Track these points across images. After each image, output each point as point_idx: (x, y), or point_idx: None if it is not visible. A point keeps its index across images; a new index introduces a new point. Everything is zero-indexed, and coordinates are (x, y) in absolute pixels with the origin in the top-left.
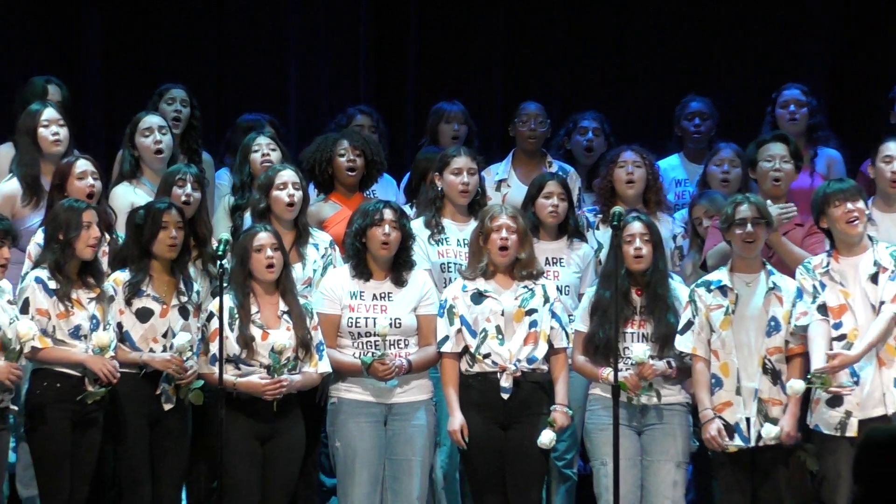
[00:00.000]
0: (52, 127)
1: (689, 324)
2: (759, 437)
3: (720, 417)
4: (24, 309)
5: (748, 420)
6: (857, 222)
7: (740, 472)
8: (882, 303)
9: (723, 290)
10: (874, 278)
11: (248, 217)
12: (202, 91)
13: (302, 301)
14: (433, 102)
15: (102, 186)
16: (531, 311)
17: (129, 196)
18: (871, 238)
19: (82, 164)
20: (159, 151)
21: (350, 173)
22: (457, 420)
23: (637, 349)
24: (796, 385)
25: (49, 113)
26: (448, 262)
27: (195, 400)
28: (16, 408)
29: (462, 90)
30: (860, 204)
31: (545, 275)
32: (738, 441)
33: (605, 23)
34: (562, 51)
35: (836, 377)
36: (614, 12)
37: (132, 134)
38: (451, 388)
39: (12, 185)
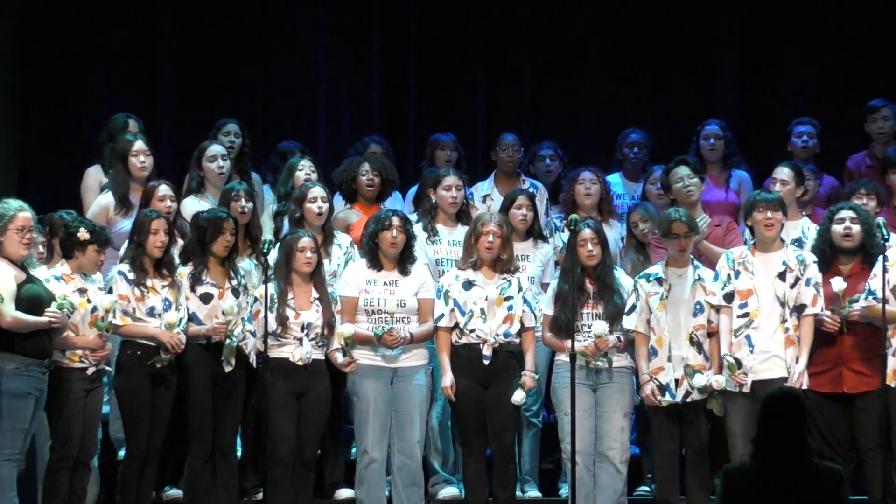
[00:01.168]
0: (140, 156)
1: (634, 307)
2: (687, 393)
3: (655, 379)
4: (109, 293)
5: (676, 381)
6: (772, 228)
7: (671, 422)
8: (803, 306)
9: (659, 280)
10: (782, 275)
11: (286, 222)
12: (250, 122)
13: (329, 289)
14: (430, 133)
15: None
16: (508, 298)
17: (195, 207)
18: (783, 240)
19: (163, 189)
20: (221, 175)
21: (369, 189)
22: (448, 379)
23: (598, 326)
24: (717, 380)
25: (139, 145)
26: (441, 259)
27: (228, 354)
28: (110, 369)
29: (453, 124)
30: (779, 215)
31: (518, 268)
32: (668, 398)
33: (562, 71)
34: (530, 92)
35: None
36: (571, 63)
37: (199, 159)
38: (445, 354)
39: (107, 199)
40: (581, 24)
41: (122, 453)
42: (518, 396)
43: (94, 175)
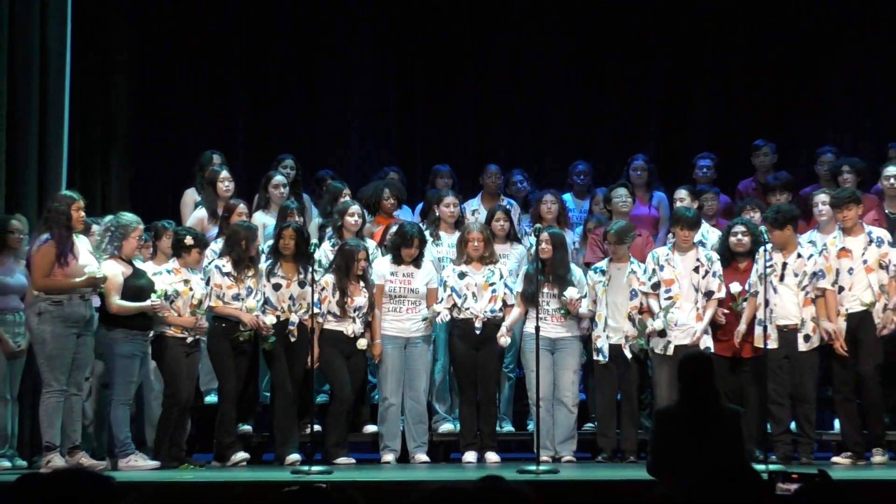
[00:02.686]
0: (224, 182)
1: (585, 294)
2: (618, 351)
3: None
4: (207, 282)
5: (611, 346)
6: (688, 241)
7: (608, 375)
8: (711, 291)
9: (603, 272)
10: (696, 269)
11: (328, 231)
12: (301, 155)
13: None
14: (433, 164)
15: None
16: (492, 284)
17: (262, 219)
18: (695, 243)
19: (241, 207)
20: (281, 196)
21: (388, 205)
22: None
23: (570, 291)
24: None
25: (224, 174)
26: (443, 257)
27: (267, 347)
28: (204, 339)
29: (450, 157)
30: (692, 231)
31: (499, 262)
32: (601, 358)
33: (530, 118)
34: (505, 135)
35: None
36: (538, 112)
37: (265, 185)
38: (442, 304)
39: (202, 213)
40: (545, 84)
41: (207, 399)
42: (503, 340)
43: (190, 195)
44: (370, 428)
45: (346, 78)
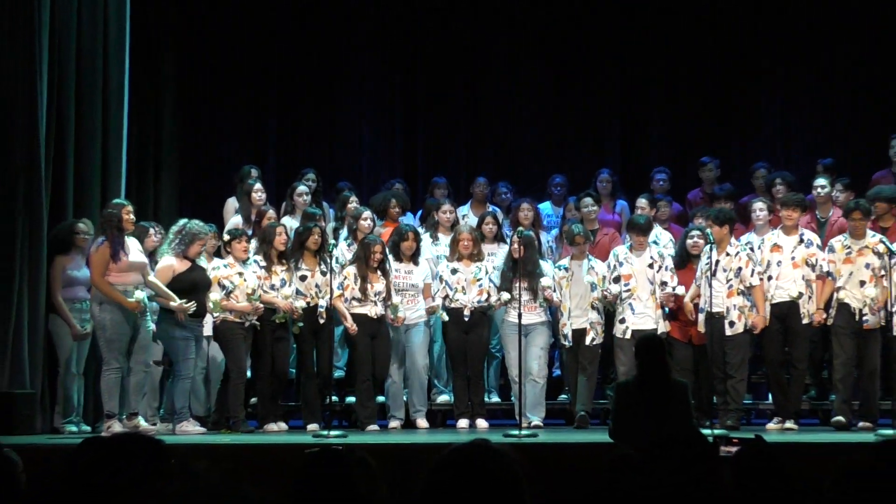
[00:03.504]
0: (257, 193)
1: (554, 287)
2: (581, 336)
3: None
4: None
5: (573, 331)
6: (643, 245)
7: (573, 356)
8: (665, 283)
9: (566, 269)
10: (651, 266)
11: (342, 233)
12: (322, 168)
13: None
14: (432, 177)
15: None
16: (479, 279)
17: (289, 223)
18: (649, 244)
19: (271, 213)
20: (305, 204)
21: (395, 212)
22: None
23: (545, 280)
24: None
25: (257, 186)
26: (440, 255)
27: (296, 330)
28: (257, 323)
29: (445, 171)
30: (645, 237)
31: (485, 259)
32: (567, 343)
33: (513, 139)
34: (492, 153)
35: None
36: (517, 134)
37: (291, 194)
38: (438, 299)
39: (237, 219)
40: (525, 109)
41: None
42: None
43: (231, 203)
44: (378, 398)
45: (359, 106)
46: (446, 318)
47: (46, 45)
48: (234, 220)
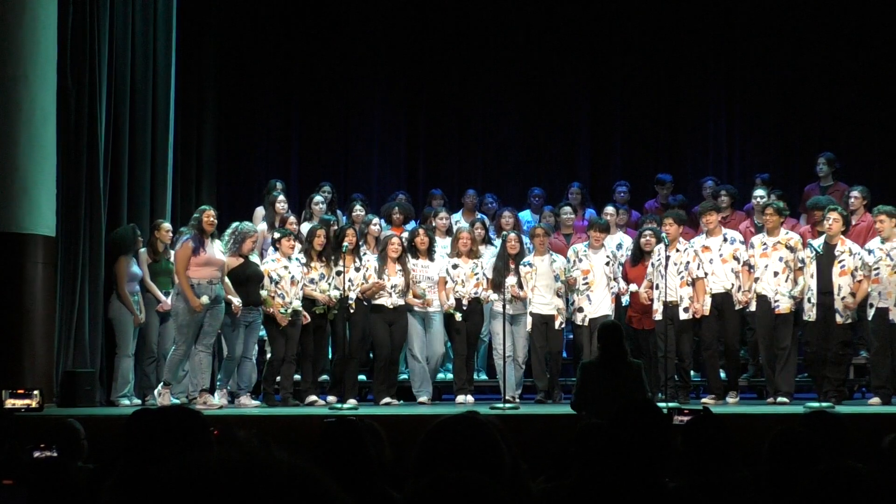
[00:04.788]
0: (281, 203)
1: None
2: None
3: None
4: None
5: (542, 316)
6: (599, 241)
7: (539, 333)
8: (617, 277)
9: (530, 264)
10: (608, 263)
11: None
12: (337, 181)
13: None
14: (430, 189)
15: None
16: (476, 273)
17: (306, 229)
18: (605, 244)
19: (292, 219)
20: (321, 212)
21: (397, 218)
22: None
23: (510, 279)
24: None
25: (281, 197)
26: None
27: (331, 317)
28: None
29: (441, 184)
30: (603, 234)
31: (481, 257)
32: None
33: (495, 157)
34: (481, 170)
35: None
36: (501, 152)
37: (309, 203)
38: (451, 297)
39: (263, 226)
40: (507, 131)
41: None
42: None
43: (259, 211)
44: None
45: (370, 129)
46: (459, 317)
47: (105, 74)
48: (260, 227)
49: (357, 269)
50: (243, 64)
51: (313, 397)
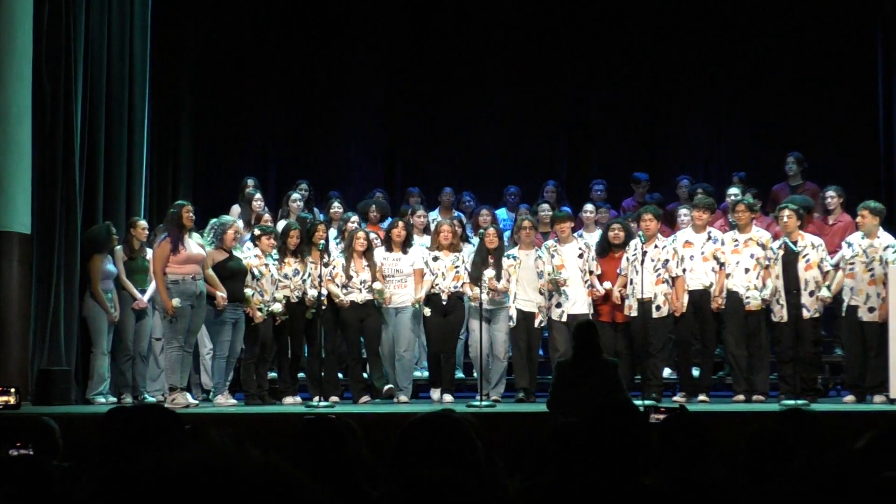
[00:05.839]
0: (257, 201)
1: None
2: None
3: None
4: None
5: (522, 312)
6: (565, 231)
7: (521, 330)
8: (591, 271)
9: (514, 258)
10: (580, 256)
11: (331, 233)
12: (315, 180)
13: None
14: (407, 187)
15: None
16: (456, 267)
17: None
18: (575, 237)
19: (268, 216)
20: (298, 209)
21: (374, 216)
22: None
23: (488, 272)
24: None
25: (257, 195)
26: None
27: (309, 316)
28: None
29: (419, 182)
30: (567, 223)
31: (462, 251)
32: (511, 323)
33: (472, 156)
34: (458, 170)
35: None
36: (476, 150)
37: (287, 200)
38: (426, 290)
39: (240, 223)
40: (484, 131)
41: None
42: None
43: (235, 209)
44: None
45: (348, 127)
46: (428, 312)
47: (81, 72)
48: (239, 224)
49: (326, 265)
50: (220, 61)
51: (290, 399)
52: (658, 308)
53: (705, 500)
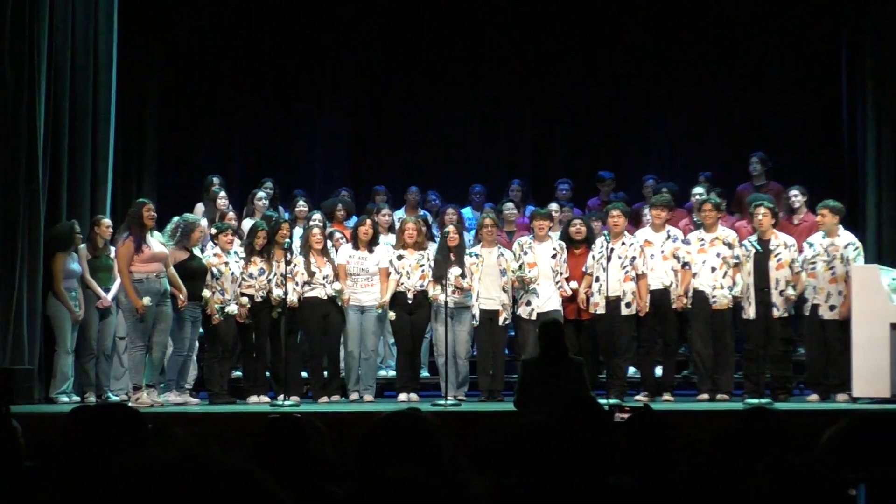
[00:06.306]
0: (221, 200)
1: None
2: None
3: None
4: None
5: (481, 311)
6: (543, 230)
7: (484, 334)
8: (561, 273)
9: (477, 255)
10: (553, 256)
11: (296, 232)
12: (280, 179)
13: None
14: (373, 185)
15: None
16: (422, 265)
17: (248, 225)
18: (549, 236)
19: (232, 214)
20: (263, 208)
21: (340, 215)
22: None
23: (454, 270)
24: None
25: (222, 193)
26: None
27: (274, 315)
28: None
29: (385, 180)
30: (546, 221)
31: (427, 249)
32: (475, 322)
33: (438, 156)
34: (422, 168)
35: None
36: (441, 151)
37: (251, 199)
38: (391, 293)
39: (204, 222)
40: (450, 130)
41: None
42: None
43: (199, 207)
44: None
45: (313, 125)
46: (393, 316)
47: (45, 68)
48: (202, 223)
49: (288, 264)
50: (186, 59)
51: (255, 398)
52: (628, 305)
53: (670, 498)
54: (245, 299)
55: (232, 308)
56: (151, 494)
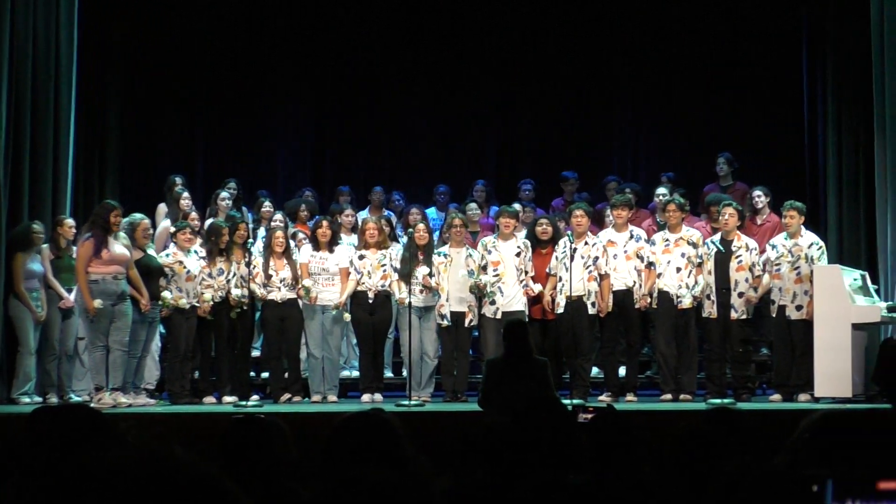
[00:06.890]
0: (184, 200)
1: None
2: (462, 317)
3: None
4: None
5: (452, 312)
6: (509, 227)
7: (450, 335)
8: (526, 272)
9: (445, 255)
10: (518, 254)
11: (259, 232)
12: (244, 179)
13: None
14: (337, 186)
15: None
16: (383, 265)
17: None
18: (515, 235)
19: (195, 215)
20: (227, 208)
21: (304, 216)
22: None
23: (422, 269)
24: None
25: (185, 193)
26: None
27: (234, 315)
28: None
29: (349, 181)
30: (512, 220)
31: (390, 248)
32: (445, 322)
33: (402, 156)
34: (388, 169)
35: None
36: (405, 152)
37: (215, 199)
38: (348, 293)
39: (167, 222)
40: (415, 130)
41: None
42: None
43: (162, 207)
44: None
45: (276, 124)
46: (348, 318)
47: (6, 70)
48: (163, 224)
49: (247, 265)
50: (148, 59)
51: (211, 398)
52: (594, 304)
53: (632, 498)
54: (208, 295)
55: (182, 302)
56: (111, 495)
